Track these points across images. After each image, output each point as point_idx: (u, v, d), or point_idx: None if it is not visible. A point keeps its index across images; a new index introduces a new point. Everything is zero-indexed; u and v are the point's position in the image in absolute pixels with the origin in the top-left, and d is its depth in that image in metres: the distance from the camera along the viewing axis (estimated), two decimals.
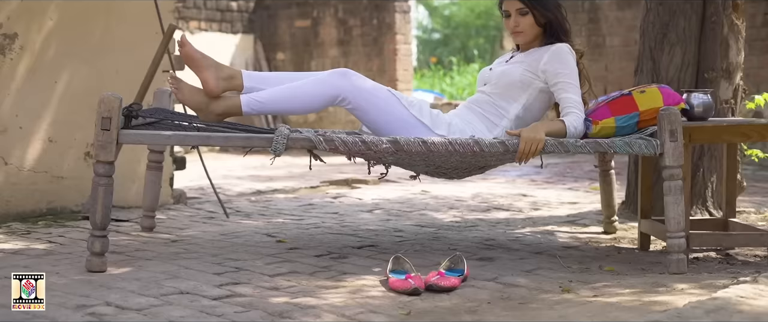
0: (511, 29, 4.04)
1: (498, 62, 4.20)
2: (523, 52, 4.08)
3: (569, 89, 3.92)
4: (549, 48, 3.98)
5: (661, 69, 5.10)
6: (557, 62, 3.94)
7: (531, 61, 4.00)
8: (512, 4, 3.99)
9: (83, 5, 5.24)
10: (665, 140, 3.77)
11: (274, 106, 3.81)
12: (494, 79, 4.05)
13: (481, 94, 4.08)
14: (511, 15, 4.00)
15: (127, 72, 5.31)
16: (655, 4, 5.17)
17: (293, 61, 12.03)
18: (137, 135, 3.62)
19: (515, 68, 4.01)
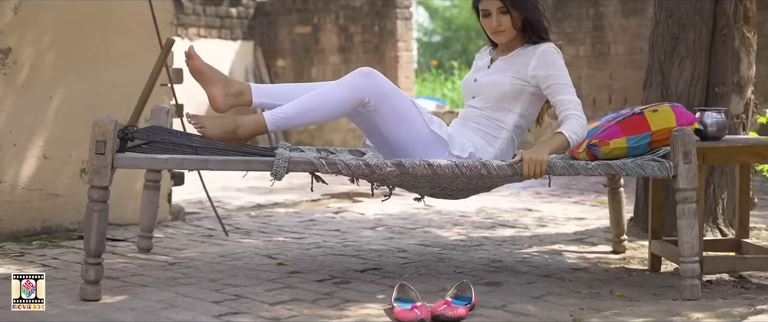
0: (492, 29, 3.86)
1: (478, 69, 4.02)
2: (504, 54, 3.93)
3: (564, 90, 3.79)
4: (534, 51, 3.83)
5: (671, 83, 4.98)
6: (547, 65, 3.80)
7: (518, 67, 3.85)
8: (492, 3, 3.83)
9: (79, 18, 5.12)
10: (679, 162, 3.66)
11: (300, 120, 3.60)
12: (483, 90, 3.91)
13: (471, 108, 3.93)
14: (491, 14, 3.84)
15: (125, 86, 5.21)
16: (664, 16, 5.05)
17: (293, 68, 11.92)
18: (133, 159, 3.50)
19: (503, 77, 3.86)
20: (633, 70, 9.05)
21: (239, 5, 11.89)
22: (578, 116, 3.72)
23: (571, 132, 3.66)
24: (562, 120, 3.73)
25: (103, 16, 5.24)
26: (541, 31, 3.88)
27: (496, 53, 3.99)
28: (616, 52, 9.24)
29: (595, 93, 9.41)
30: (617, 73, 9.23)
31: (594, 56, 9.38)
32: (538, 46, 3.85)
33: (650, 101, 5.04)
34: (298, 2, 11.89)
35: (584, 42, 9.43)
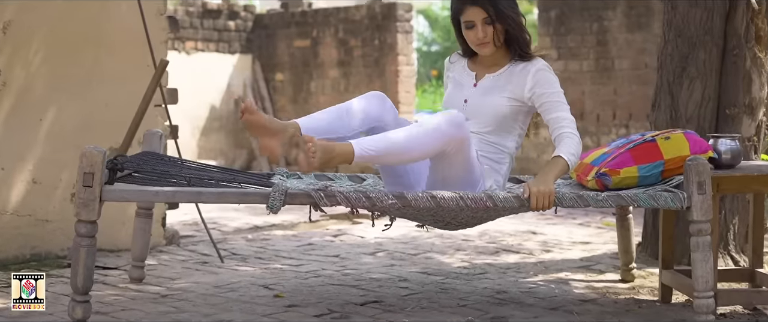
0: (477, 41, 3.69)
1: (461, 86, 3.83)
2: (491, 70, 3.77)
3: (558, 108, 3.65)
4: (528, 69, 3.70)
5: (680, 104, 4.84)
6: (544, 84, 3.68)
7: (513, 87, 3.71)
8: (477, 14, 3.67)
9: (71, 37, 4.98)
10: (693, 193, 3.51)
11: (386, 160, 3.44)
12: (477, 113, 3.73)
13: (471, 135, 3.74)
14: (475, 25, 3.68)
15: (118, 106, 5.06)
16: (673, 35, 4.91)
17: (292, 82, 11.76)
18: (123, 192, 3.35)
19: (500, 100, 3.71)
20: (638, 86, 8.91)
21: (237, 18, 11.75)
22: (573, 135, 3.59)
23: (569, 154, 3.53)
24: (556, 138, 3.60)
25: (95, 35, 5.09)
26: (525, 45, 3.74)
27: (478, 68, 3.82)
28: (621, 67, 9.10)
29: (598, 109, 9.27)
30: (622, 89, 9.09)
31: (598, 71, 9.24)
32: (530, 63, 3.72)
33: (659, 123, 4.91)
34: (297, 15, 11.76)
35: (588, 57, 9.30)
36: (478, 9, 3.66)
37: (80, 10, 5.02)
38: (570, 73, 9.38)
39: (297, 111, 11.65)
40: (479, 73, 3.81)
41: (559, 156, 3.51)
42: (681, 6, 4.86)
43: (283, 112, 11.84)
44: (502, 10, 3.66)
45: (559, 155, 3.51)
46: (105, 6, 5.12)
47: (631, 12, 8.98)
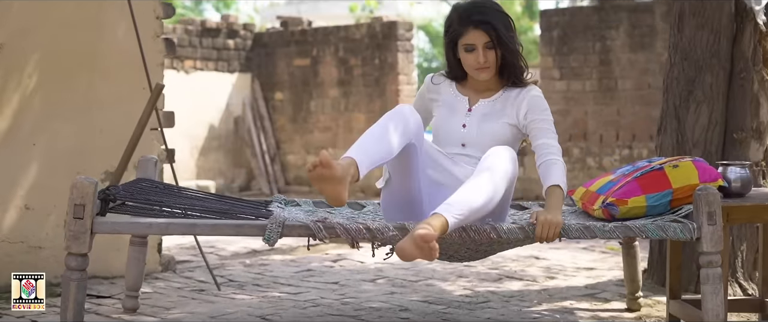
0: (477, 65, 3.60)
1: (455, 110, 3.70)
2: (485, 95, 3.69)
3: (547, 134, 3.61)
4: (523, 95, 3.65)
5: (687, 129, 4.75)
6: (538, 110, 3.64)
7: (510, 112, 3.65)
8: (479, 37, 3.58)
9: (65, 61, 4.90)
10: (703, 224, 3.40)
11: (474, 216, 3.24)
12: (476, 139, 3.63)
13: (467, 158, 3.62)
14: (475, 49, 3.59)
15: (113, 130, 4.97)
16: (679, 58, 4.82)
17: (292, 101, 11.69)
18: (115, 224, 3.25)
19: (501, 127, 3.64)
20: (641, 106, 8.84)
21: (236, 37, 11.69)
22: (561, 162, 3.56)
23: (563, 183, 3.48)
24: (544, 163, 3.53)
25: (90, 59, 5.01)
26: (520, 73, 3.69)
27: (469, 92, 3.73)
28: (624, 87, 9.04)
29: (602, 129, 9.20)
30: (625, 109, 9.03)
31: (601, 91, 9.18)
32: (525, 89, 3.68)
33: (665, 147, 4.82)
34: (297, 34, 11.69)
35: (591, 77, 9.24)
36: (481, 33, 3.58)
37: (75, 34, 4.94)
38: (573, 93, 9.31)
39: (296, 130, 11.60)
40: (471, 97, 3.72)
41: (557, 186, 3.45)
42: (687, 28, 4.78)
43: (282, 131, 11.77)
44: (503, 36, 3.58)
45: (557, 185, 3.46)
46: (100, 29, 5.04)
47: (634, 32, 8.93)
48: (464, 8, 3.63)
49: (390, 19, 11.37)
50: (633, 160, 9.04)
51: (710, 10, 4.72)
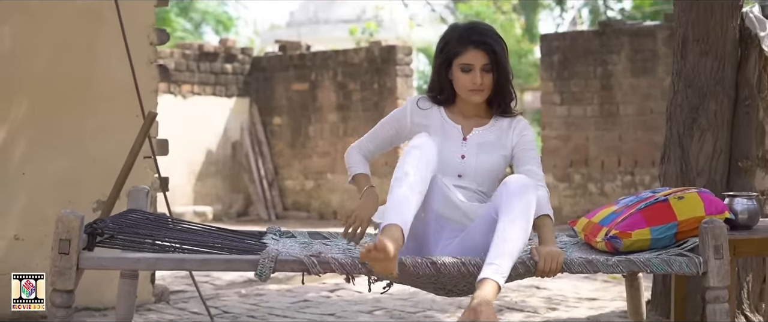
0: (473, 86, 3.46)
1: (449, 137, 3.55)
2: (477, 123, 3.56)
3: (532, 161, 3.52)
4: (514, 126, 3.56)
5: (691, 157, 4.66)
6: (527, 141, 3.55)
7: (504, 143, 3.55)
8: (479, 58, 3.45)
9: (57, 88, 4.84)
10: (709, 258, 3.29)
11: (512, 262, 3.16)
12: (474, 171, 3.51)
13: (463, 190, 3.48)
14: (472, 70, 3.47)
15: (105, 158, 4.89)
16: (683, 85, 4.73)
17: (290, 126, 11.61)
18: (102, 260, 3.14)
19: (498, 159, 3.54)
20: (643, 132, 8.76)
21: (234, 61, 11.62)
22: (546, 190, 3.46)
23: (551, 211, 3.39)
24: None
25: (82, 86, 4.93)
26: (510, 101, 3.57)
27: (460, 119, 3.58)
28: (625, 112, 8.97)
29: (603, 155, 9.12)
30: (626, 135, 8.96)
31: (602, 117, 9.11)
32: (515, 120, 3.59)
33: (668, 176, 4.73)
34: (295, 58, 11.63)
35: (592, 102, 9.17)
36: (481, 53, 3.47)
37: (67, 61, 4.87)
38: (574, 118, 9.24)
39: (295, 155, 11.53)
40: (464, 126, 3.58)
41: (547, 216, 3.36)
42: (691, 55, 4.70)
43: (280, 156, 11.70)
44: (502, 60, 3.49)
45: (547, 215, 3.36)
46: (93, 56, 4.97)
47: (635, 56, 8.87)
48: (464, 28, 3.53)
49: (389, 44, 11.29)
50: (635, 186, 8.96)
51: (714, 37, 4.64)
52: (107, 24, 4.91)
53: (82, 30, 4.94)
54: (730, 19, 4.63)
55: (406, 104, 3.62)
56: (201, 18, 22.70)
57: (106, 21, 4.91)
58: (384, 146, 3.69)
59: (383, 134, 3.65)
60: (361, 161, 3.65)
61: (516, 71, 20.12)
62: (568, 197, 9.42)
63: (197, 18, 22.59)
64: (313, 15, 21.69)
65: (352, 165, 3.65)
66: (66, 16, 4.87)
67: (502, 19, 24.88)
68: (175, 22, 20.82)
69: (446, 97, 3.58)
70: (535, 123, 18.84)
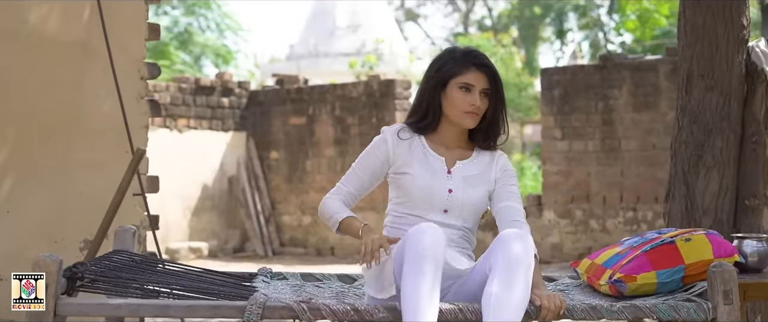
0: (470, 108, 3.30)
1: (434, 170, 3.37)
2: (460, 156, 3.40)
3: (513, 197, 3.39)
4: (495, 160, 3.42)
5: (696, 195, 4.56)
6: (508, 175, 3.42)
7: (488, 178, 3.40)
8: (480, 80, 3.32)
9: (44, 124, 4.72)
10: (718, 303, 3.16)
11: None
12: (461, 206, 3.35)
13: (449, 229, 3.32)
14: (472, 91, 3.32)
15: (93, 196, 4.76)
16: (687, 121, 4.62)
17: (288, 161, 11.52)
18: (81, 306, 3.00)
19: (482, 194, 3.38)
20: (645, 167, 8.67)
21: (231, 95, 11.56)
22: (528, 228, 3.34)
23: (536, 251, 3.22)
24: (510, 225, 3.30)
25: (70, 121, 4.82)
26: (498, 134, 3.43)
27: (442, 151, 3.41)
28: (627, 147, 8.89)
29: (605, 191, 9.02)
30: (628, 170, 8.87)
31: (604, 152, 9.03)
32: (497, 154, 3.45)
33: (673, 215, 4.62)
34: (293, 92, 11.57)
35: (593, 137, 9.08)
36: (482, 76, 3.33)
37: (55, 95, 4.76)
38: (575, 153, 9.16)
39: (292, 190, 11.45)
40: (447, 158, 3.41)
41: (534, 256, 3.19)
42: (696, 90, 4.60)
43: (277, 191, 11.61)
44: (501, 87, 3.37)
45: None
46: (81, 90, 4.85)
47: (637, 91, 8.80)
48: (465, 50, 3.40)
49: (387, 78, 11.22)
50: (637, 222, 8.86)
51: (720, 72, 4.55)
52: (97, 57, 4.81)
53: (70, 63, 4.82)
54: (736, 53, 4.54)
55: (385, 136, 3.43)
56: (200, 51, 22.67)
57: (96, 54, 4.81)
58: (366, 187, 3.46)
59: (363, 174, 3.44)
60: (342, 207, 3.40)
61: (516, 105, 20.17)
62: (570, 233, 9.31)
63: (197, 51, 22.57)
64: (312, 48, 21.69)
65: (333, 213, 3.39)
66: (54, 49, 4.76)
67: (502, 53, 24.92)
68: (175, 55, 20.81)
69: (430, 122, 3.38)
70: (535, 157, 18.78)
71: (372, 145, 3.45)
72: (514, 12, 29.21)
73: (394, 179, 3.40)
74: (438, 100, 3.35)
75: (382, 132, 3.45)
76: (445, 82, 3.34)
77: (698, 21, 4.60)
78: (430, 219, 3.30)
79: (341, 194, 3.44)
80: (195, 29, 22.33)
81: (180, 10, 22.55)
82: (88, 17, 4.82)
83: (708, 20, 4.57)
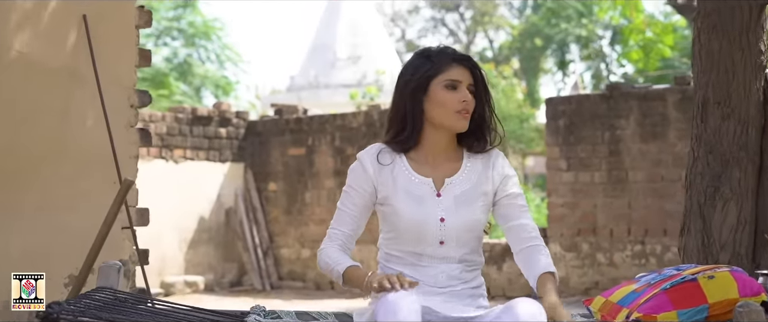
0: (461, 106, 3.01)
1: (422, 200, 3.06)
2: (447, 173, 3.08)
3: (525, 213, 3.10)
4: (490, 162, 3.11)
5: (713, 229, 4.39)
6: (510, 184, 3.11)
7: (483, 189, 3.08)
8: (465, 75, 3.03)
9: (28, 154, 4.54)
10: None
11: None
12: (457, 234, 3.05)
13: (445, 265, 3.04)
14: (458, 87, 3.02)
15: (79, 229, 4.57)
16: (703, 151, 4.45)
17: (286, 192, 11.38)
18: None
19: (479, 214, 3.07)
20: (653, 199, 8.52)
21: (229, 125, 11.47)
22: (545, 247, 3.09)
23: (553, 266, 3.04)
24: (527, 249, 3.05)
25: (56, 150, 4.65)
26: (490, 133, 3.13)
27: (428, 170, 3.09)
28: (635, 179, 8.75)
29: (612, 224, 8.85)
30: (636, 202, 8.72)
31: (610, 183, 8.89)
32: (491, 156, 3.13)
33: (689, 250, 4.45)
34: (292, 122, 11.48)
35: (600, 168, 8.94)
36: (466, 71, 3.05)
37: (40, 124, 4.59)
38: (581, 185, 9.01)
39: (290, 222, 11.35)
40: (434, 178, 3.09)
41: (552, 274, 3.00)
42: (712, 119, 4.43)
43: (275, 224, 11.49)
44: (486, 83, 3.09)
45: (552, 273, 3.00)
46: (67, 118, 4.68)
47: (644, 121, 8.66)
48: (439, 47, 3.11)
49: (387, 107, 11.08)
50: (646, 256, 8.72)
51: (737, 99, 4.38)
52: (84, 83, 4.65)
53: (56, 90, 4.65)
54: (754, 80, 4.39)
55: (363, 164, 3.12)
56: (200, 82, 22.62)
57: (83, 80, 4.65)
58: (361, 224, 3.15)
59: (354, 211, 3.13)
60: (342, 255, 3.10)
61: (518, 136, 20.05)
62: (576, 267, 9.12)
63: (196, 82, 22.52)
64: (313, 79, 21.65)
65: (334, 265, 3.09)
66: (39, 75, 4.58)
67: (503, 84, 24.91)
68: (174, 86, 20.78)
69: (410, 133, 3.06)
70: (538, 188, 18.62)
71: (354, 179, 3.14)
72: (515, 44, 29.23)
73: (380, 210, 3.11)
74: (419, 107, 3.04)
75: (359, 159, 3.14)
76: (426, 85, 3.04)
77: (714, 46, 4.43)
78: (424, 254, 3.03)
79: (337, 239, 3.14)
80: (195, 60, 22.30)
81: (180, 41, 22.55)
82: (75, 42, 4.66)
83: (724, 46, 4.41)
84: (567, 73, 27.35)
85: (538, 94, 27.51)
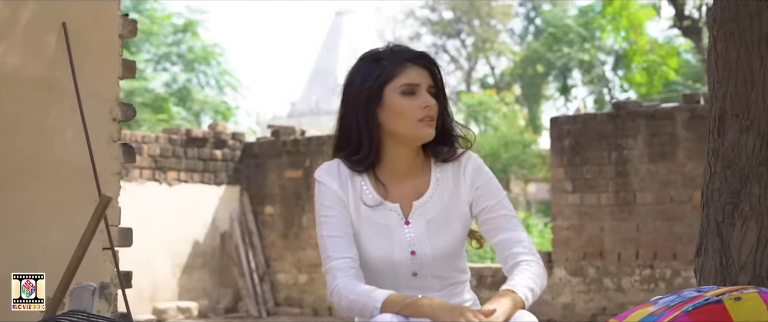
0: (424, 113, 2.68)
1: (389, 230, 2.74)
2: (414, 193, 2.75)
3: (511, 225, 2.75)
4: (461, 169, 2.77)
5: (732, 249, 4.15)
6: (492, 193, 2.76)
7: (457, 203, 2.75)
8: (424, 76, 2.70)
9: (3, 169, 4.28)
10: None
11: None
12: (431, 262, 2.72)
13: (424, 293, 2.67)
14: (418, 91, 2.70)
15: (57, 249, 4.35)
16: (721, 166, 4.22)
17: (283, 216, 11.25)
18: None
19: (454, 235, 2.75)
20: (662, 222, 8.33)
21: (224, 147, 11.38)
22: (534, 262, 2.70)
23: (526, 288, 2.61)
24: (508, 270, 2.69)
25: (33, 168, 4.42)
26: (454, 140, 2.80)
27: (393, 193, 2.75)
28: (643, 200, 8.58)
29: (619, 247, 8.65)
30: (645, 225, 8.54)
31: (618, 205, 8.72)
32: (461, 164, 2.78)
33: (706, 271, 4.20)
34: (289, 144, 11.35)
35: (606, 189, 8.78)
36: (424, 71, 2.72)
37: (16, 139, 4.37)
38: (587, 207, 8.83)
39: (287, 247, 11.24)
40: (402, 203, 2.76)
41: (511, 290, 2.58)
42: (730, 132, 4.20)
43: (272, 248, 11.36)
44: (444, 83, 2.77)
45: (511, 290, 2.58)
46: (44, 132, 4.45)
47: (653, 140, 8.48)
48: (393, 47, 2.78)
49: None
50: (655, 281, 8.54)
51: (756, 111, 4.15)
52: (63, 96, 4.42)
53: (33, 103, 4.43)
54: None
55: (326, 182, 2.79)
56: (199, 108, 22.58)
57: (62, 92, 4.42)
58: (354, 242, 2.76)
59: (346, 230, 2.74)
60: (369, 287, 2.64)
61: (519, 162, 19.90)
62: (582, 292, 8.91)
63: (195, 107, 22.49)
64: (314, 105, 21.60)
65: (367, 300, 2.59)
66: (16, 86, 4.36)
67: (505, 110, 24.87)
68: (174, 111, 20.79)
69: (368, 153, 2.73)
70: (541, 214, 18.45)
71: (325, 200, 2.78)
72: (517, 70, 29.29)
73: None
74: (374, 120, 2.72)
75: (320, 180, 2.82)
76: (380, 93, 2.71)
77: (731, 56, 4.20)
78: (399, 287, 2.69)
79: (346, 269, 2.69)
80: (194, 86, 22.31)
81: (179, 67, 22.56)
82: (54, 51, 4.43)
83: (742, 54, 4.18)
84: (569, 98, 27.29)
85: (539, 120, 27.50)
